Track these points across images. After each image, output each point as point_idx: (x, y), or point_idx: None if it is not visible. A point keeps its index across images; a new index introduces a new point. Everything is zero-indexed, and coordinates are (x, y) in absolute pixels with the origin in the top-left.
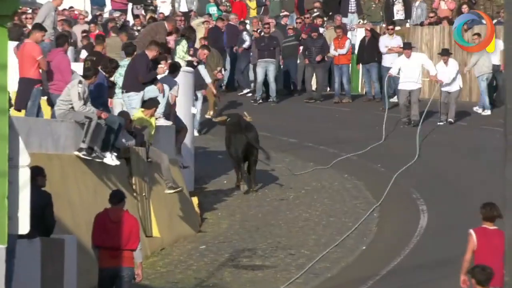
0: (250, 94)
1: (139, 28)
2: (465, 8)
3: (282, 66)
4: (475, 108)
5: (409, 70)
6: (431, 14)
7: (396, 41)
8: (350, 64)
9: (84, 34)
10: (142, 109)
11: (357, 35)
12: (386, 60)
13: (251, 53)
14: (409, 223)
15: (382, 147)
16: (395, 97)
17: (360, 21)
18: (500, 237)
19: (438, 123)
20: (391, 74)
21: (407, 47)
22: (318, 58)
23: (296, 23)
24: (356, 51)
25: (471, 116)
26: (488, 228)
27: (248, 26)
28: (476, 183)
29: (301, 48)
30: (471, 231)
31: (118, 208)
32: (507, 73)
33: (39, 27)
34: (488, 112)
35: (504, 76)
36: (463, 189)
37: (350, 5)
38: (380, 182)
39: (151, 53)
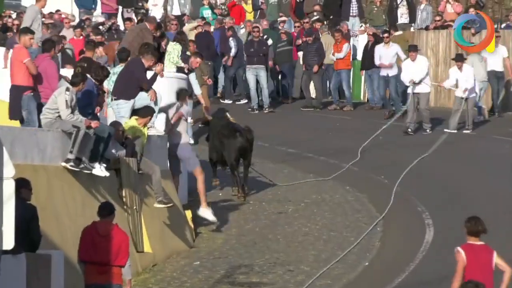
0: (243, 102)
1: None
2: (472, 11)
3: (269, 72)
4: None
5: (416, 73)
6: (437, 18)
7: (392, 50)
8: (352, 70)
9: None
10: (136, 117)
11: (359, 40)
12: (382, 69)
13: (244, 58)
14: (414, 238)
15: (386, 157)
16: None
17: (362, 25)
18: (488, 253)
19: (446, 130)
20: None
21: (413, 49)
22: (315, 69)
23: (294, 27)
24: (357, 57)
25: (478, 124)
26: (475, 244)
27: (242, 31)
28: (484, 194)
29: (299, 53)
30: (459, 248)
31: (107, 221)
32: None
33: (26, 30)
34: (482, 118)
35: None
36: (470, 201)
37: (351, 9)
38: (384, 194)
39: (147, 63)
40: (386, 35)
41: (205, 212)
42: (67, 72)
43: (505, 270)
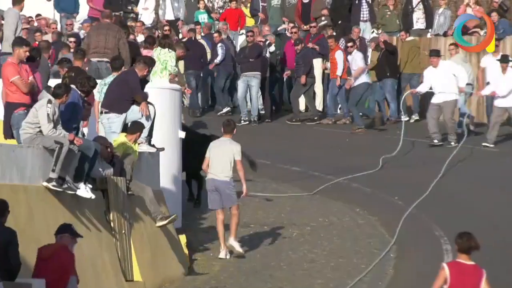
0: (225, 110)
1: None
2: (494, 15)
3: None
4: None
5: (439, 81)
6: None
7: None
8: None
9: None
10: (125, 134)
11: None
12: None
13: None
14: (430, 265)
15: (400, 175)
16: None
17: (373, 31)
18: (478, 276)
19: (484, 145)
20: (414, 91)
21: (434, 54)
22: (302, 80)
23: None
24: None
25: (504, 140)
26: (464, 264)
27: (241, 37)
28: (507, 218)
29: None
30: (444, 264)
31: (53, 244)
32: None
33: (21, 41)
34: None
35: None
36: (493, 224)
37: (362, 12)
38: (398, 217)
39: (140, 72)
40: (350, 44)
41: (235, 244)
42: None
43: None
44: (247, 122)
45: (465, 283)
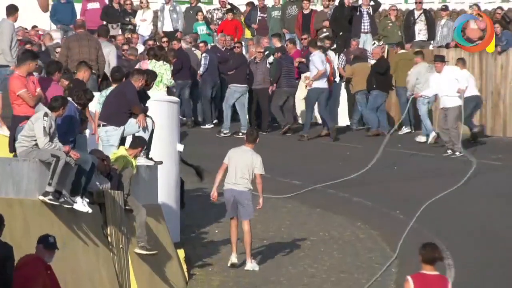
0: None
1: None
2: (497, 27)
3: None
4: (417, 138)
5: (442, 86)
6: None
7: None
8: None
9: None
10: (125, 147)
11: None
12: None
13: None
14: None
15: (402, 189)
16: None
17: (375, 43)
18: (443, 285)
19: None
20: (419, 95)
21: (439, 60)
22: (270, 90)
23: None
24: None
25: (505, 152)
26: (429, 274)
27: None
28: (511, 232)
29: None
30: (408, 277)
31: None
32: None
33: (32, 56)
34: (433, 134)
35: None
36: (495, 238)
37: (363, 24)
38: (399, 231)
39: (136, 83)
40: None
41: (253, 266)
42: None
43: None
44: (226, 135)
45: None
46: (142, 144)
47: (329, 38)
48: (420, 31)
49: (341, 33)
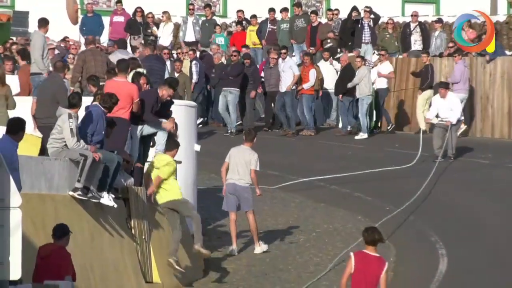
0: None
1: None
2: (471, 32)
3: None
4: (356, 136)
5: (445, 112)
6: (451, 44)
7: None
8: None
9: None
10: (160, 153)
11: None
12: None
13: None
14: (427, 268)
15: (398, 186)
16: None
17: (375, 52)
18: (379, 265)
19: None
20: (429, 119)
21: (443, 86)
22: (252, 94)
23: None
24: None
25: (494, 152)
26: (369, 254)
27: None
28: (499, 224)
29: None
30: (351, 254)
31: (52, 243)
32: None
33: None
34: (365, 135)
35: None
36: (485, 230)
37: (364, 35)
38: (396, 224)
39: (161, 93)
40: (283, 51)
41: (261, 248)
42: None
43: None
44: (232, 135)
45: (367, 271)
46: (177, 146)
47: (329, 49)
48: (416, 42)
49: (350, 43)
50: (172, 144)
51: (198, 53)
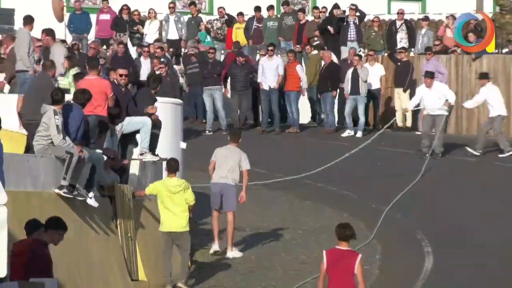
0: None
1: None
2: (471, 36)
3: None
4: (343, 134)
5: (431, 101)
6: (437, 42)
7: (274, 63)
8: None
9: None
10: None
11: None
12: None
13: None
14: (413, 266)
15: (385, 185)
16: None
17: (360, 50)
18: (351, 258)
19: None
20: (407, 109)
21: (429, 76)
22: (225, 93)
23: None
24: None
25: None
26: (340, 249)
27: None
28: (484, 222)
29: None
30: (324, 251)
31: (26, 239)
32: None
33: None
34: (352, 133)
35: None
36: (471, 228)
37: (349, 33)
38: (383, 222)
39: (112, 78)
40: (271, 48)
41: (233, 253)
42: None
43: (359, 282)
44: (211, 133)
45: (339, 265)
46: (177, 168)
47: (319, 47)
48: (402, 40)
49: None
50: (173, 167)
51: (184, 51)
